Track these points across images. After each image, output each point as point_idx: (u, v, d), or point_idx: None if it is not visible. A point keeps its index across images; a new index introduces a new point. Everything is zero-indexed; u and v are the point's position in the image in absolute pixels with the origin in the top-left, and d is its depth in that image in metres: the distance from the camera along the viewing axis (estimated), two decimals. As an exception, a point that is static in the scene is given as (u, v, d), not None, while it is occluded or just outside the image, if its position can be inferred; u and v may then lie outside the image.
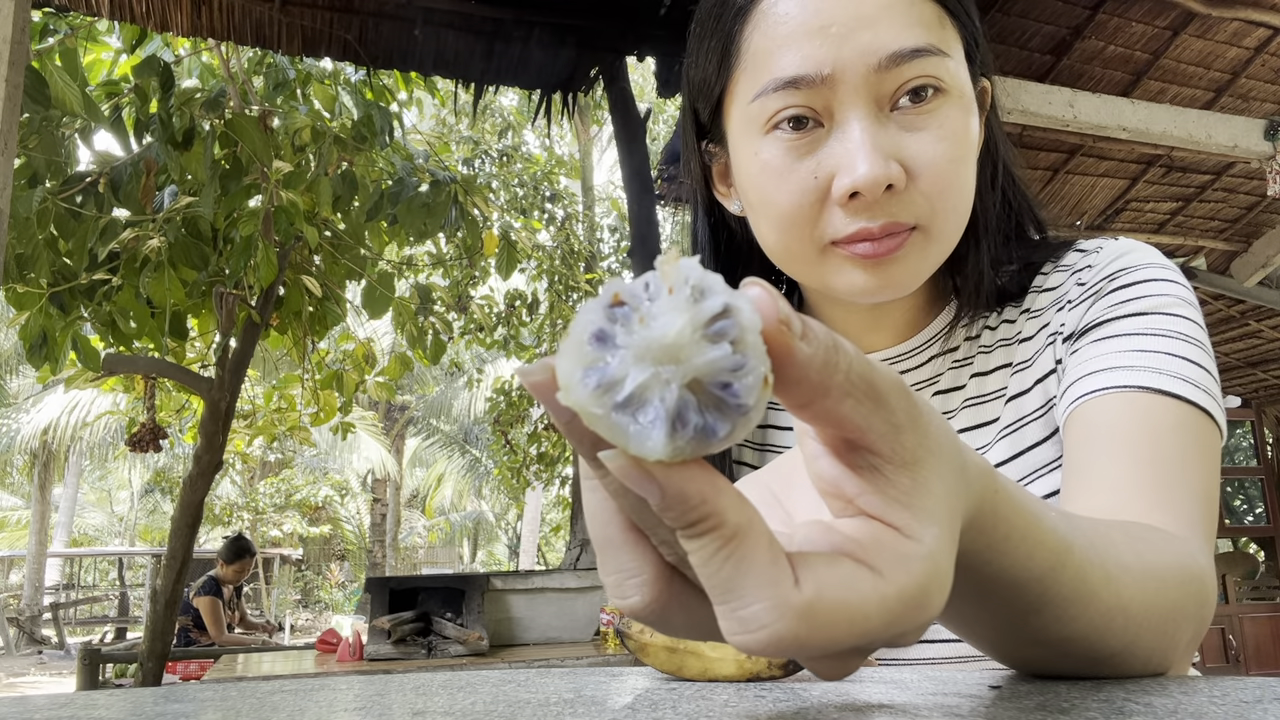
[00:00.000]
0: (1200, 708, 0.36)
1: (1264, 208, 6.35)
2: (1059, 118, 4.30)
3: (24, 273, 3.29)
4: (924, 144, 0.60)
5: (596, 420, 0.25)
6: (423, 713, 0.39)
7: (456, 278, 7.34)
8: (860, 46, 0.59)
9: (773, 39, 0.61)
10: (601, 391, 0.24)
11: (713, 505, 0.26)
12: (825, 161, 0.61)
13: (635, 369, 0.24)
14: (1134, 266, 0.66)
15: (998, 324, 0.73)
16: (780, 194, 0.63)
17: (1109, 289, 0.65)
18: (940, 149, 0.60)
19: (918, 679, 0.47)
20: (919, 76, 0.60)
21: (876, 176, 0.58)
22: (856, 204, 0.60)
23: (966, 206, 0.65)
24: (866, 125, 0.60)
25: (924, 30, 0.60)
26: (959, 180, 0.62)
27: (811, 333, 0.27)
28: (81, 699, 0.44)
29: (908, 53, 0.59)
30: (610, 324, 0.25)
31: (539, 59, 4.25)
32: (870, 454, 0.28)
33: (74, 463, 17.54)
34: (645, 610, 0.30)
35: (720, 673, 0.49)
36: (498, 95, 7.76)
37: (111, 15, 3.46)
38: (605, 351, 0.25)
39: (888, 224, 0.61)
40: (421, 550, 22.03)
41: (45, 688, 9.87)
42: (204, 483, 3.95)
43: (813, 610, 0.26)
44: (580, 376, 0.24)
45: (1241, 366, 8.51)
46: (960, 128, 0.62)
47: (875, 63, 0.59)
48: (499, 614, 3.20)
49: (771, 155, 0.63)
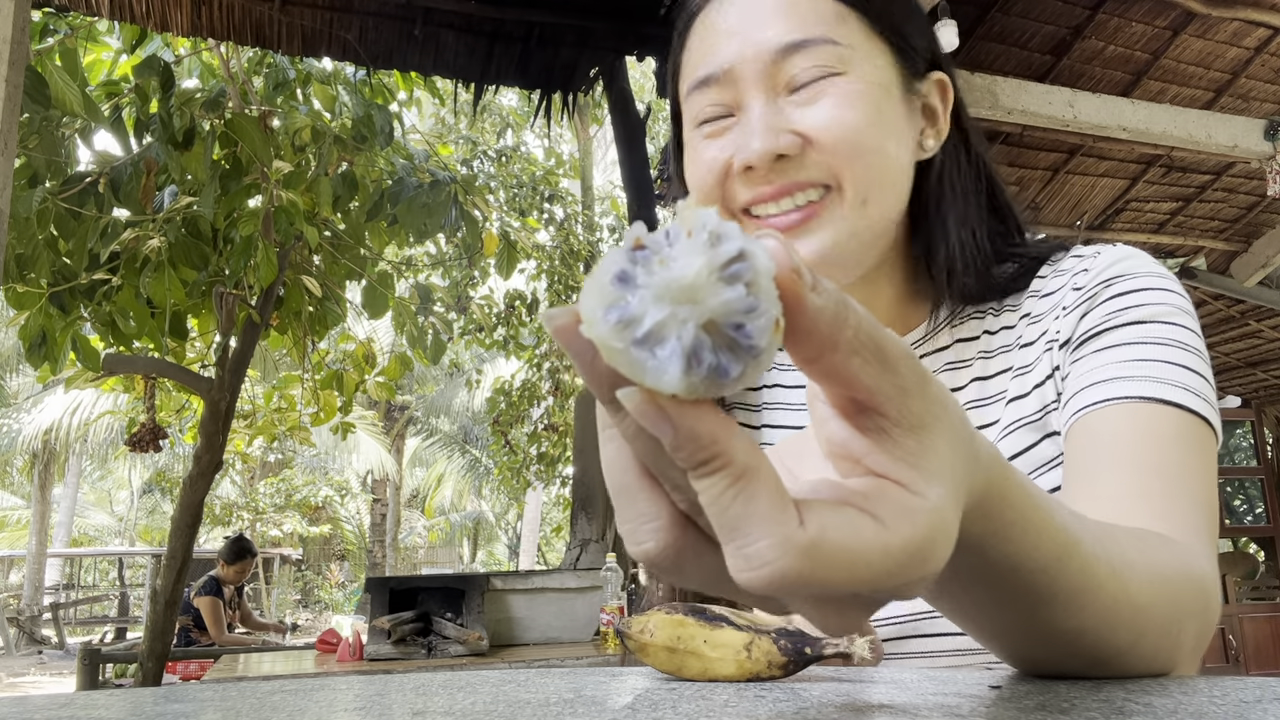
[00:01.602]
0: (1200, 708, 0.36)
1: (1264, 208, 6.35)
2: (1059, 118, 4.30)
3: (24, 273, 3.29)
4: (818, 112, 0.66)
5: (616, 354, 0.26)
6: (423, 713, 0.39)
7: (456, 278, 7.34)
8: (755, 43, 0.67)
9: (697, 47, 0.71)
10: (622, 327, 0.26)
11: (723, 445, 0.27)
12: (728, 144, 0.68)
13: (654, 307, 0.25)
14: (1130, 274, 0.66)
15: (998, 329, 0.74)
16: (698, 173, 0.70)
17: (1105, 295, 0.66)
18: (834, 114, 0.65)
19: (918, 679, 0.47)
20: (812, 65, 0.66)
21: (764, 149, 0.65)
22: (751, 176, 0.67)
23: (885, 173, 0.67)
24: (761, 109, 0.66)
25: (816, 25, 0.66)
26: (861, 140, 0.65)
27: (822, 285, 0.28)
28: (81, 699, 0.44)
29: (796, 43, 0.66)
30: (632, 265, 0.26)
31: (539, 59, 4.25)
32: (878, 415, 0.29)
33: (74, 463, 17.54)
34: (659, 555, 0.31)
35: (720, 673, 0.49)
36: (497, 95, 7.76)
37: (111, 15, 3.46)
38: (627, 291, 0.26)
39: (784, 185, 0.66)
40: (421, 550, 22.03)
41: (45, 688, 9.87)
42: (204, 483, 3.95)
43: (816, 549, 0.27)
44: (602, 313, 0.26)
45: (1241, 366, 8.51)
46: (858, 97, 0.66)
47: (769, 57, 0.66)
48: (499, 614, 3.20)
49: (697, 143, 0.71)
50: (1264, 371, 8.54)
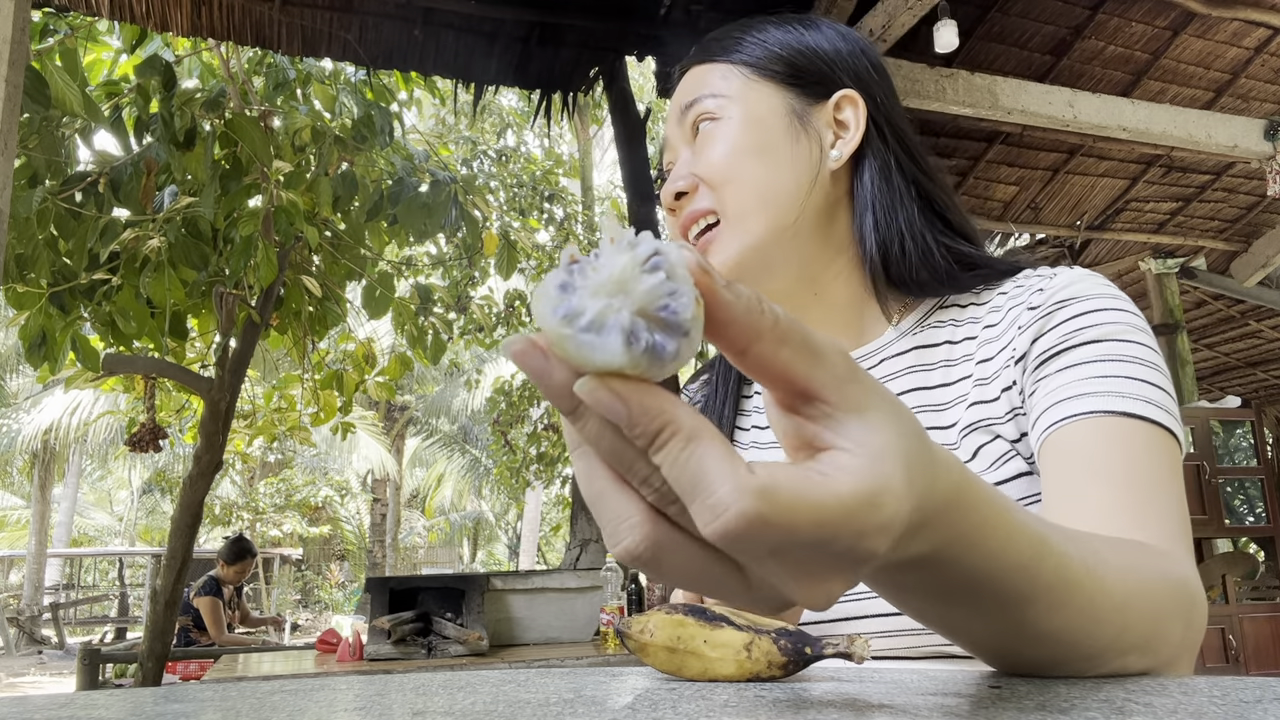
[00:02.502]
0: (1200, 708, 0.36)
1: (1264, 208, 6.35)
2: (1059, 118, 4.30)
3: (24, 273, 3.28)
4: (701, 155, 0.80)
5: (567, 342, 0.30)
6: (423, 713, 0.39)
7: (456, 278, 7.34)
8: (670, 113, 0.85)
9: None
10: (568, 320, 0.30)
11: (670, 414, 0.30)
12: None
13: (592, 301, 0.30)
14: (1084, 295, 0.69)
15: (960, 339, 0.78)
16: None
17: (1061, 316, 0.68)
18: (711, 154, 0.79)
19: (918, 679, 0.47)
20: (698, 117, 0.81)
21: (667, 194, 0.81)
22: (672, 217, 0.83)
23: (755, 185, 0.78)
24: (678, 160, 0.83)
25: (702, 88, 0.82)
26: (729, 168, 0.78)
27: (735, 284, 0.32)
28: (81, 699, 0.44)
29: (688, 104, 0.82)
30: (569, 276, 0.31)
31: (539, 59, 4.25)
32: (820, 403, 0.32)
33: (74, 463, 17.54)
34: (638, 549, 0.33)
35: (720, 673, 0.49)
36: (497, 95, 7.76)
37: (111, 15, 3.46)
38: (568, 295, 0.31)
39: (686, 216, 0.80)
40: (421, 550, 22.02)
41: (45, 688, 9.87)
42: (204, 483, 3.95)
43: (769, 490, 0.30)
44: (550, 313, 0.31)
45: (1241, 366, 8.51)
46: (725, 134, 0.79)
47: (674, 119, 0.84)
48: (499, 614, 3.20)
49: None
50: (1264, 371, 8.54)
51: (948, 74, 4.12)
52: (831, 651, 0.48)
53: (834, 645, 0.48)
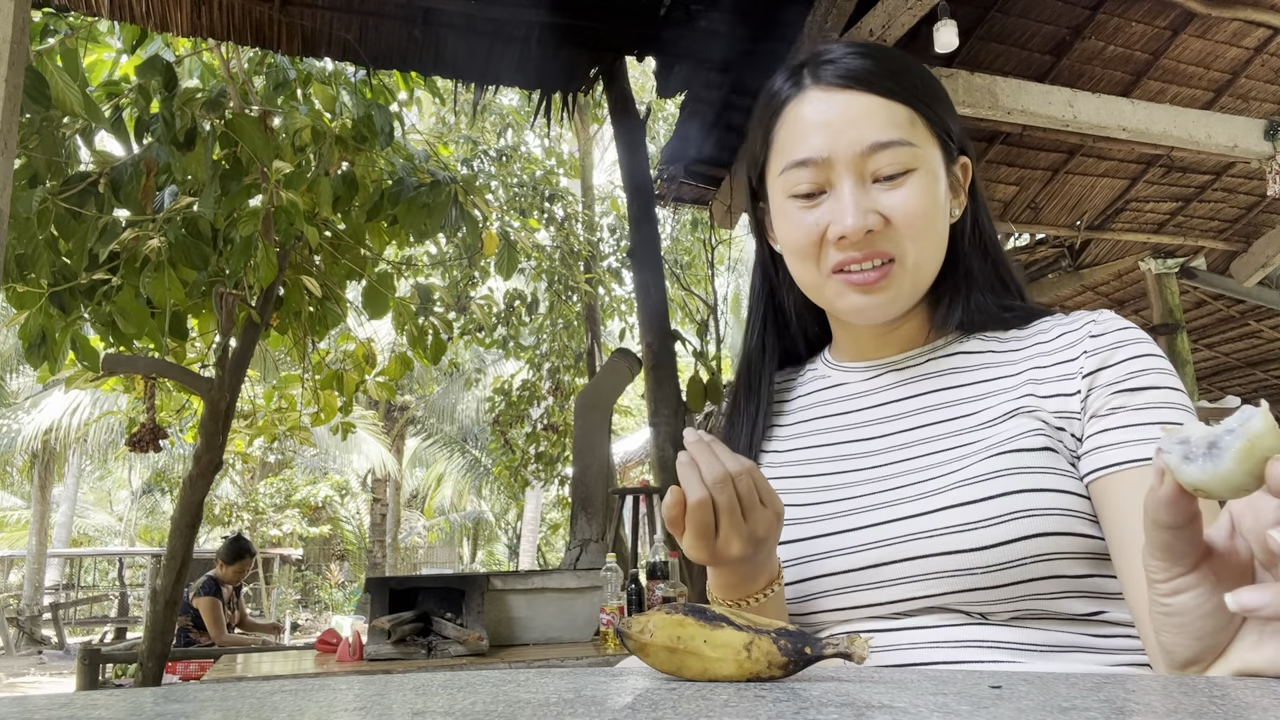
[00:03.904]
0: (1200, 708, 0.36)
1: (1264, 208, 6.35)
2: (1059, 118, 4.30)
3: (24, 273, 3.28)
4: (897, 200, 0.84)
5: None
6: (423, 713, 0.39)
7: (456, 278, 7.34)
8: (849, 139, 0.84)
9: (793, 132, 0.88)
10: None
11: None
12: (824, 216, 0.85)
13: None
14: (1134, 340, 0.83)
15: (1004, 349, 0.90)
16: (794, 236, 0.88)
17: (1122, 355, 0.81)
18: (910, 204, 0.83)
19: (918, 679, 0.47)
20: (892, 162, 0.83)
21: (858, 225, 0.83)
22: (844, 244, 0.84)
23: (935, 248, 0.87)
24: (852, 191, 0.83)
25: (895, 128, 0.84)
26: (926, 226, 0.84)
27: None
28: (81, 699, 0.44)
29: (883, 143, 0.83)
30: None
31: (539, 59, 4.25)
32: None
33: (74, 463, 17.53)
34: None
35: (720, 673, 0.49)
36: (497, 95, 7.76)
37: (111, 15, 3.46)
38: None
39: (869, 252, 0.84)
40: (421, 550, 22.01)
41: (45, 688, 9.87)
42: (204, 483, 3.95)
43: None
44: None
45: (1241, 366, 8.51)
46: (926, 192, 0.84)
47: (860, 150, 0.83)
48: (499, 614, 3.20)
49: (791, 211, 0.88)
50: (1264, 371, 8.54)
51: (948, 74, 4.12)
52: (831, 651, 0.48)
53: (834, 645, 0.48)
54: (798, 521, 0.87)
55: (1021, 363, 0.87)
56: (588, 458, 4.40)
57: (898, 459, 0.86)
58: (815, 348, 1.06)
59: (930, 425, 0.87)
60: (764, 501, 0.74)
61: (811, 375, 1.03)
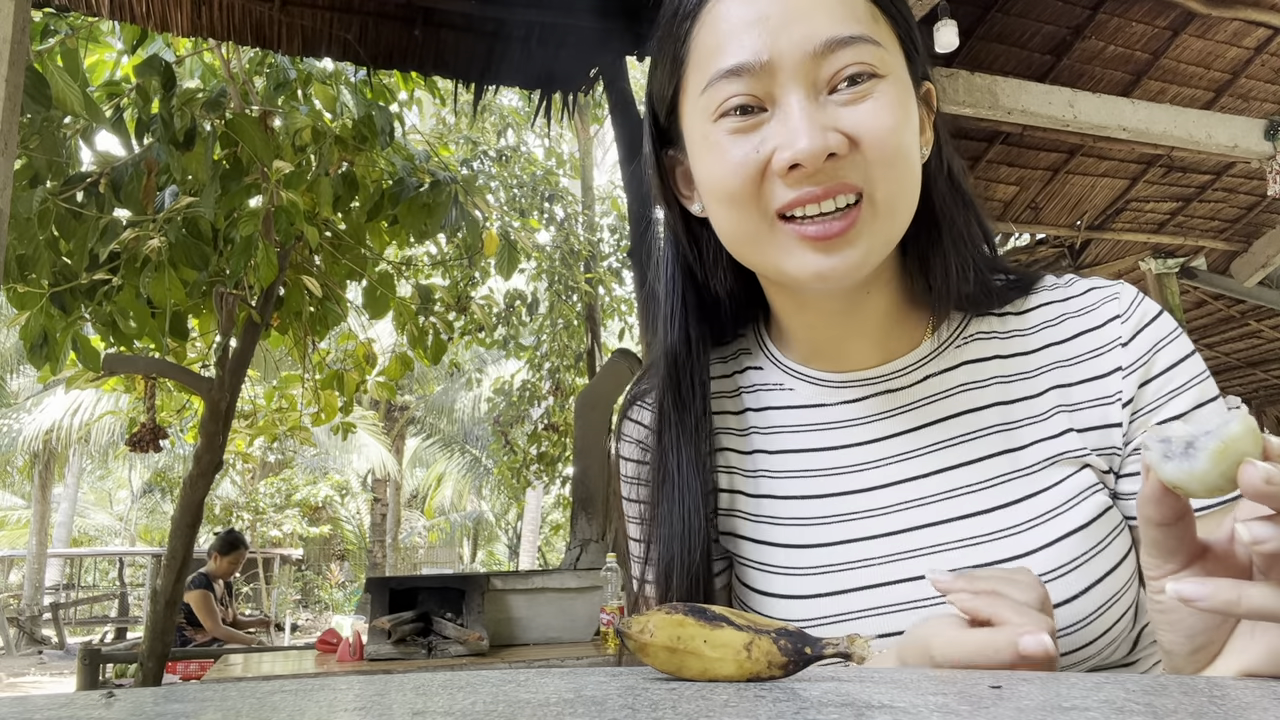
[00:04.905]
0: (1200, 708, 0.36)
1: (1264, 208, 6.35)
2: (1059, 118, 4.30)
3: (25, 273, 3.28)
4: (864, 114, 0.63)
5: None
6: (423, 713, 0.39)
7: (456, 278, 7.34)
8: (796, 35, 0.62)
9: (717, 35, 0.65)
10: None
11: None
12: (768, 139, 0.64)
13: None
14: (1170, 331, 0.71)
15: (1010, 354, 0.74)
16: (725, 169, 0.65)
17: (1160, 365, 0.69)
18: (880, 118, 0.63)
19: (918, 679, 0.47)
20: (855, 63, 0.63)
21: (815, 148, 0.61)
22: (797, 174, 0.63)
23: (910, 181, 0.66)
24: (804, 105, 0.62)
25: (856, 22, 0.63)
26: (901, 150, 0.64)
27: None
28: (81, 699, 0.44)
29: (841, 39, 0.62)
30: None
31: (539, 59, 4.25)
32: None
33: (74, 463, 17.53)
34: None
35: (720, 673, 0.49)
36: (497, 95, 7.76)
37: (111, 15, 3.46)
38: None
39: (832, 185, 0.63)
40: (421, 550, 22.01)
41: (45, 688, 9.87)
42: (204, 483, 3.95)
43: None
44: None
45: (1241, 366, 8.50)
46: (899, 104, 0.64)
47: (811, 49, 0.62)
48: (499, 614, 3.20)
49: (719, 138, 0.65)
50: (1264, 371, 8.54)
51: (948, 74, 4.12)
52: (831, 651, 0.48)
53: (834, 645, 0.48)
54: (808, 575, 0.72)
55: (1037, 372, 0.72)
56: (588, 458, 4.40)
57: (917, 522, 0.70)
58: (740, 310, 0.84)
59: (948, 471, 0.71)
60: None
61: (756, 374, 0.82)
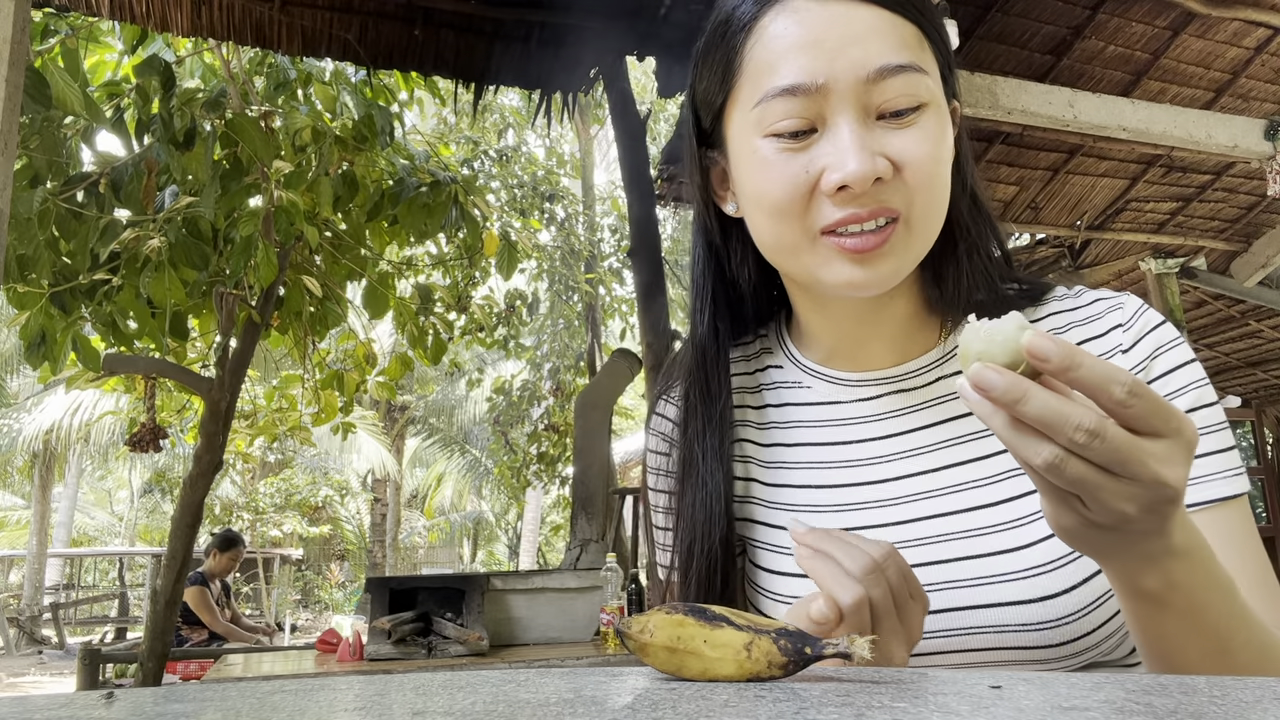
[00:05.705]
0: (1200, 708, 0.36)
1: (1264, 208, 6.35)
2: (1059, 118, 4.30)
3: (25, 273, 3.28)
4: (908, 142, 0.66)
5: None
6: (423, 713, 0.39)
7: (457, 278, 7.33)
8: (850, 60, 0.65)
9: (772, 52, 0.68)
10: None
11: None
12: (817, 159, 0.67)
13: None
14: (1171, 340, 0.73)
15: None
16: (774, 185, 0.68)
17: (1159, 369, 0.72)
18: (924, 148, 0.67)
19: (918, 679, 0.47)
20: (904, 94, 0.66)
21: (864, 171, 0.64)
22: (844, 196, 0.66)
23: (943, 205, 0.70)
24: (855, 128, 0.65)
25: (906, 50, 0.67)
26: (939, 178, 0.68)
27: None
28: (81, 699, 0.44)
29: (893, 68, 0.66)
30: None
31: (539, 59, 4.25)
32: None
33: (74, 463, 17.53)
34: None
35: (720, 673, 0.49)
36: (498, 95, 7.76)
37: (111, 15, 3.46)
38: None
39: (876, 208, 0.66)
40: (421, 550, 22.01)
41: (45, 688, 9.87)
42: (204, 483, 3.95)
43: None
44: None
45: (1241, 366, 8.50)
46: (940, 134, 0.68)
47: (864, 75, 0.65)
48: (499, 614, 3.20)
49: (768, 152, 0.68)
50: (1264, 371, 8.53)
51: (948, 74, 4.12)
52: (831, 651, 0.48)
53: (834, 645, 0.48)
54: None
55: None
56: (588, 458, 4.40)
57: (924, 513, 0.74)
58: (762, 312, 0.89)
59: (956, 467, 0.74)
60: (913, 593, 0.61)
61: (776, 372, 0.86)
